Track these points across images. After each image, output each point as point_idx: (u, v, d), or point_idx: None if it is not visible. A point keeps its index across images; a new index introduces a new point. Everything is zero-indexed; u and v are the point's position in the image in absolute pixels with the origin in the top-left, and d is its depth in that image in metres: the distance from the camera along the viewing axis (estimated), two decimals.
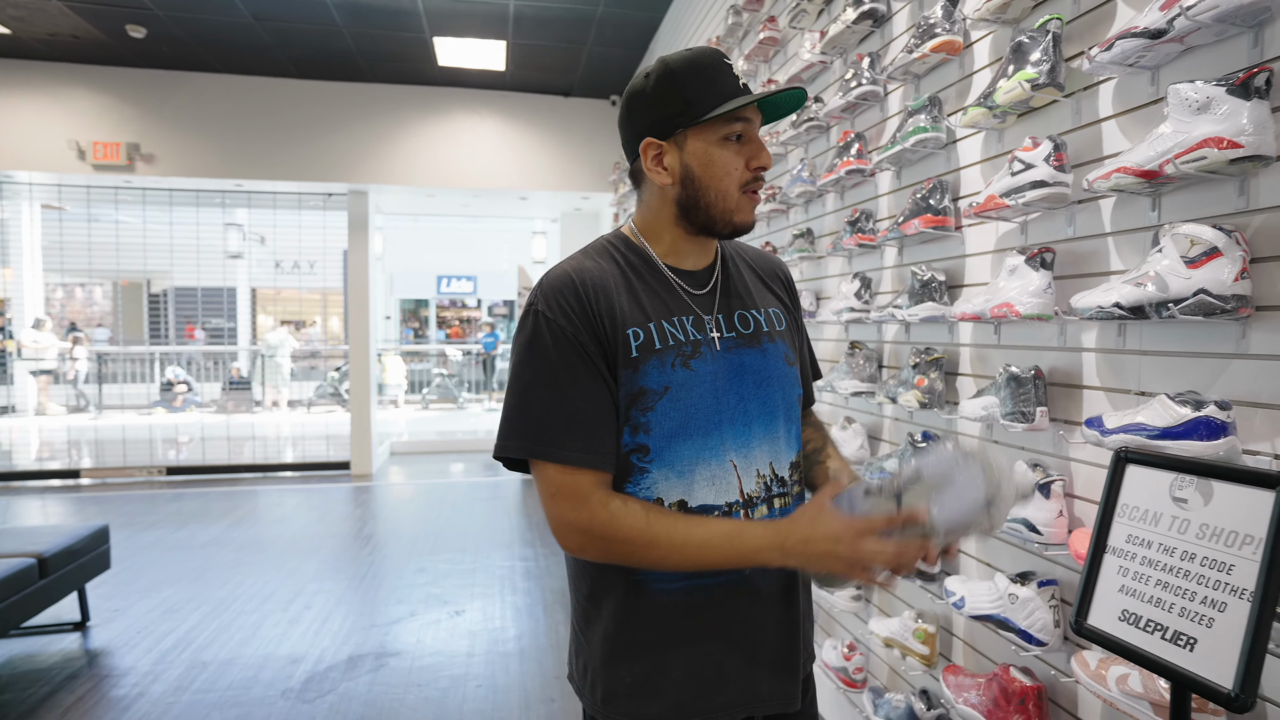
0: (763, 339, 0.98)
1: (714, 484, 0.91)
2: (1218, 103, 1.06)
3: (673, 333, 0.92)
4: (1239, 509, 0.94)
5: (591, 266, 0.94)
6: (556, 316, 0.89)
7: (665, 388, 0.90)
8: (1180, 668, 0.94)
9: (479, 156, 6.29)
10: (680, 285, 0.97)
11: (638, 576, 0.91)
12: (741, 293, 1.01)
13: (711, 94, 0.89)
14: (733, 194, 0.92)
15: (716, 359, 0.93)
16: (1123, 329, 1.32)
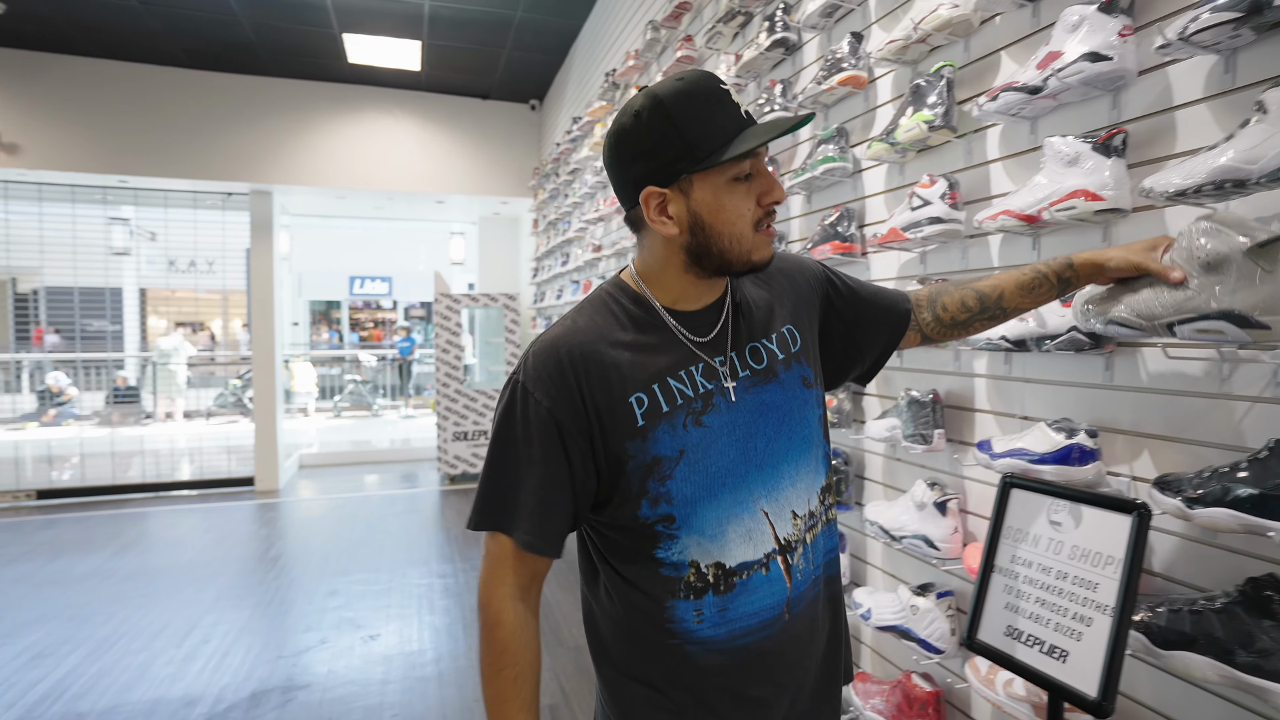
0: (778, 369, 0.92)
1: (749, 539, 0.86)
2: (1085, 157, 1.16)
3: (680, 389, 0.86)
4: (1103, 532, 1.03)
5: (585, 329, 0.88)
6: (535, 390, 0.85)
7: (681, 452, 0.84)
8: (1054, 678, 1.03)
9: (393, 158, 6.05)
10: (684, 335, 0.89)
11: (675, 641, 0.86)
12: (753, 324, 0.93)
13: (715, 132, 0.80)
14: (747, 236, 0.84)
15: (733, 408, 0.87)
16: (1009, 358, 1.42)
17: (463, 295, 6.39)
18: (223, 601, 3.63)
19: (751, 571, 0.86)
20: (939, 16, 1.45)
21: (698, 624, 0.85)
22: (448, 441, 6.30)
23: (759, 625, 0.86)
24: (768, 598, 0.86)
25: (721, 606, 0.85)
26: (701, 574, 0.85)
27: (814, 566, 0.92)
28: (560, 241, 5.16)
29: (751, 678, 0.87)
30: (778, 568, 0.87)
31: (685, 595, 0.85)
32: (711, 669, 0.86)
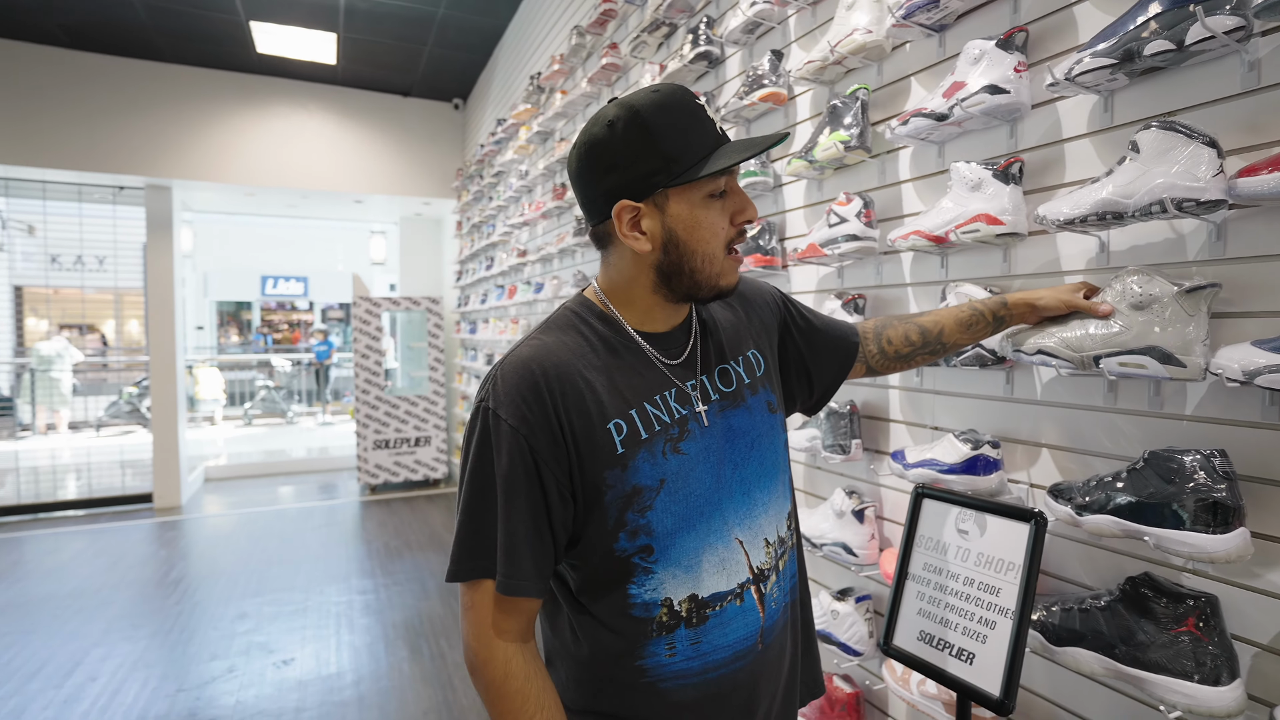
0: (745, 393, 0.91)
1: (723, 569, 0.84)
2: (987, 183, 1.23)
3: (657, 415, 0.84)
4: (1006, 539, 1.09)
5: (556, 349, 0.83)
6: (509, 417, 0.79)
7: (661, 481, 0.82)
8: (962, 680, 1.08)
9: (307, 155, 5.76)
10: (657, 358, 0.87)
11: (646, 679, 0.83)
12: (720, 346, 0.93)
13: (694, 146, 0.79)
14: (718, 256, 0.83)
15: (706, 433, 0.86)
16: (920, 371, 1.49)
17: (383, 298, 6.16)
18: (113, 633, 3.34)
19: (725, 603, 0.83)
20: (854, 41, 1.50)
21: (670, 658, 0.82)
22: (368, 450, 6.05)
23: (732, 657, 0.84)
24: (741, 629, 0.85)
25: (694, 639, 0.82)
26: (674, 611, 0.82)
27: (784, 593, 0.90)
28: (485, 245, 5.06)
29: (724, 710, 0.84)
30: (751, 598, 0.85)
31: (657, 634, 0.82)
32: (684, 704, 0.83)
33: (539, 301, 3.87)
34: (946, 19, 1.36)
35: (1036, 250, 1.23)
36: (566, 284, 3.38)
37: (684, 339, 0.90)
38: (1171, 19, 0.96)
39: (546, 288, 3.64)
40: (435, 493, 6.21)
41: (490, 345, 5.16)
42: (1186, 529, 0.92)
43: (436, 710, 2.66)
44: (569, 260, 3.57)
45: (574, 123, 3.49)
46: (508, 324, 4.52)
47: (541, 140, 3.92)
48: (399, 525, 5.19)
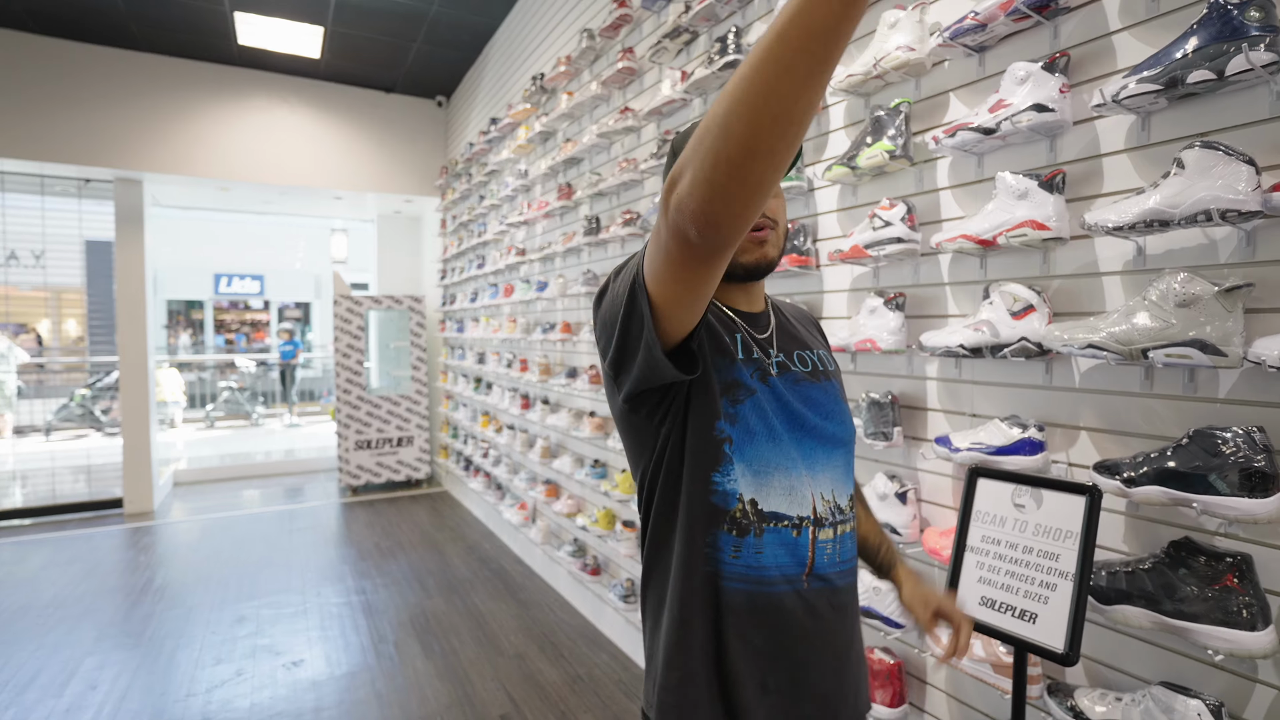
0: (822, 377, 1.03)
1: (790, 495, 0.93)
2: (1033, 193, 1.36)
3: (751, 353, 0.97)
4: (1062, 511, 1.22)
5: None
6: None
7: (753, 390, 0.93)
8: (1026, 638, 1.20)
9: (285, 150, 5.64)
10: (744, 326, 1.00)
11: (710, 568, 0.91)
12: (795, 336, 1.06)
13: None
14: None
15: (788, 386, 0.97)
16: (959, 363, 1.62)
17: (364, 296, 6.08)
18: (105, 641, 3.25)
19: (783, 525, 0.93)
20: (897, 58, 1.62)
21: (734, 558, 0.91)
22: (349, 451, 5.96)
23: (780, 579, 0.92)
24: (791, 556, 0.93)
25: (757, 549, 0.91)
26: (745, 511, 0.92)
27: (840, 560, 0.97)
28: (476, 244, 5.06)
29: (762, 625, 0.91)
30: (807, 535, 0.94)
31: (729, 529, 0.91)
32: (733, 606, 0.91)
33: (540, 300, 3.92)
34: (989, 41, 1.49)
35: (1076, 253, 1.37)
36: (574, 283, 3.44)
37: (766, 324, 1.04)
38: (1214, 51, 1.10)
39: (551, 286, 3.68)
40: (419, 493, 6.16)
41: (481, 344, 5.16)
42: (1232, 495, 1.06)
43: (459, 705, 2.69)
44: (574, 259, 3.63)
45: (579, 124, 3.55)
46: (503, 322, 4.54)
47: (543, 140, 3.96)
48: (387, 525, 5.14)
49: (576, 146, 3.35)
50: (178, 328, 15.31)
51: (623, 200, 3.14)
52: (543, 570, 4.02)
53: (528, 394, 4.20)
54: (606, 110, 3.27)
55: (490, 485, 4.91)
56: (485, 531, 4.97)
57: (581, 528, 3.35)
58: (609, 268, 3.24)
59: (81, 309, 12.56)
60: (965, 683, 1.61)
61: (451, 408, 5.98)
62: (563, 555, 3.58)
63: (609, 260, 3.27)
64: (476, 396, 5.09)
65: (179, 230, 11.44)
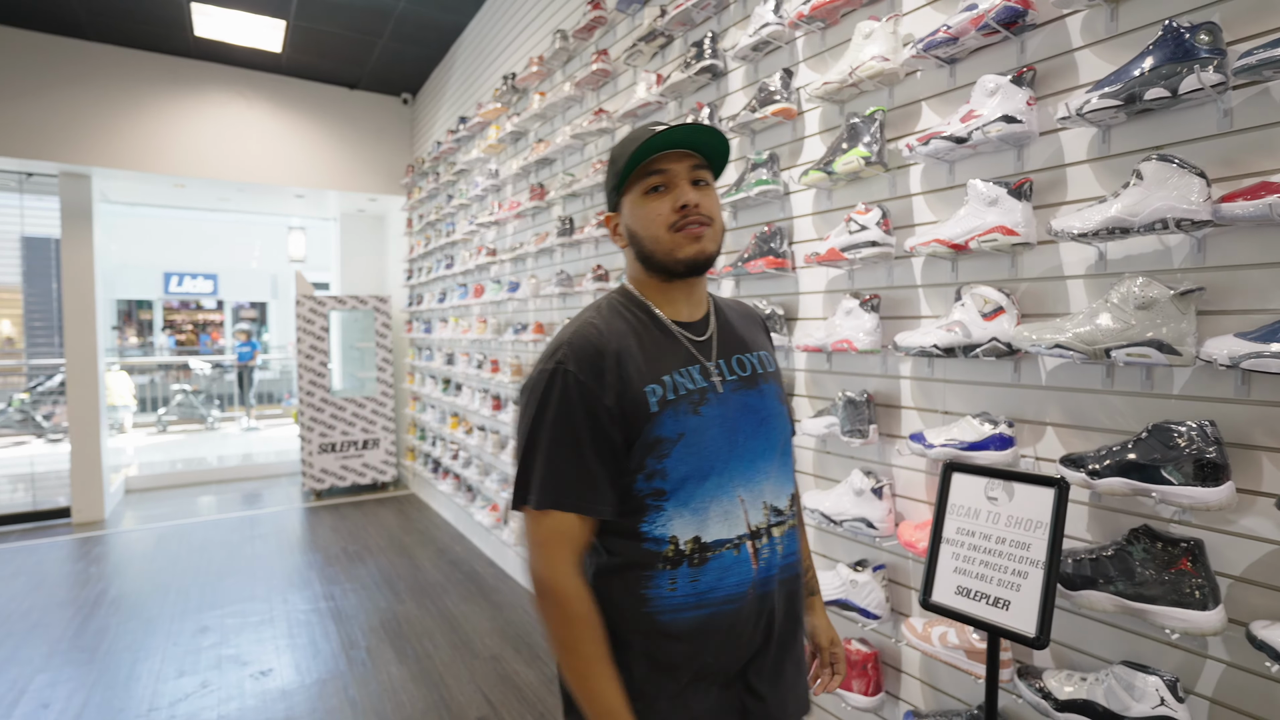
0: (759, 381, 1.07)
1: (726, 519, 0.98)
2: (1002, 200, 1.43)
3: (682, 383, 1.00)
4: (1032, 502, 1.29)
5: (608, 328, 1.01)
6: (585, 377, 0.96)
7: (680, 435, 0.96)
8: (1000, 624, 1.26)
9: (245, 146, 5.48)
10: (684, 336, 1.05)
11: (648, 608, 0.97)
12: (736, 339, 1.10)
13: (627, 156, 1.00)
14: (664, 237, 1.00)
15: (723, 402, 1.01)
16: (932, 362, 1.68)
17: (328, 296, 5.95)
18: (56, 657, 3.12)
19: (724, 549, 0.98)
20: (871, 67, 1.67)
21: (671, 591, 0.96)
22: (313, 454, 5.83)
23: (724, 599, 0.97)
24: (735, 575, 0.98)
25: (694, 578, 0.96)
26: (679, 550, 0.97)
27: (779, 557, 1.03)
28: (444, 244, 5.00)
29: (709, 646, 0.97)
30: (746, 551, 0.99)
31: (663, 567, 0.96)
32: (677, 634, 0.96)
33: (512, 300, 3.90)
34: (960, 54, 1.56)
35: (1042, 258, 1.44)
36: (549, 283, 3.44)
37: (705, 328, 1.08)
38: (1168, 71, 1.18)
39: (524, 287, 3.67)
40: (386, 496, 6.06)
41: (450, 345, 5.10)
42: (1187, 484, 1.14)
43: (435, 709, 2.66)
44: (547, 260, 3.62)
45: (552, 124, 3.55)
46: (473, 323, 4.50)
47: (514, 140, 3.94)
48: (353, 530, 5.04)
49: (549, 147, 3.35)
50: (124, 328, 14.72)
51: (596, 201, 3.16)
52: (516, 572, 4.00)
53: (499, 395, 4.17)
54: (580, 111, 3.28)
55: (460, 487, 4.86)
56: (455, 534, 4.92)
57: None
58: (582, 268, 3.25)
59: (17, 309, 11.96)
60: (939, 670, 1.68)
61: (419, 409, 5.90)
62: None
63: (582, 261, 3.28)
64: (445, 398, 5.03)
65: (125, 227, 10.98)
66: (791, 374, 2.09)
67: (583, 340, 0.99)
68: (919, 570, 1.73)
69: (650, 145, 0.98)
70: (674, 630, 0.96)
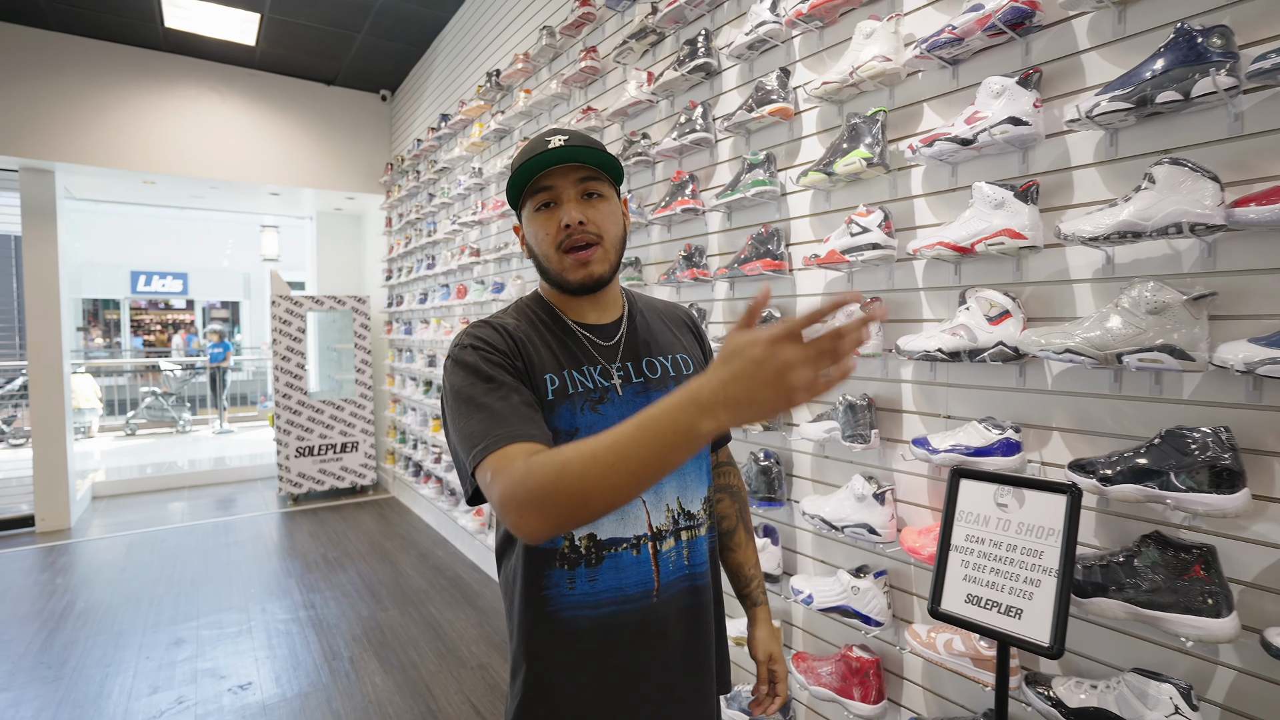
0: (669, 382, 1.05)
1: (622, 519, 0.97)
2: (1009, 202, 1.41)
3: (581, 381, 0.99)
4: (1044, 509, 1.27)
5: (508, 322, 1.02)
6: (482, 346, 0.96)
7: (575, 429, 0.95)
8: (1012, 633, 1.24)
9: (217, 142, 5.32)
10: (588, 338, 1.04)
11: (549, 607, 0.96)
12: (648, 341, 1.09)
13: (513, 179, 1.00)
14: (553, 256, 1.00)
15: (623, 403, 1.00)
16: (934, 366, 1.66)
17: (305, 296, 5.81)
18: (20, 674, 2.99)
19: (621, 549, 0.97)
20: (873, 67, 1.65)
21: (570, 589, 0.96)
22: (290, 459, 5.69)
23: (623, 599, 0.96)
24: (634, 576, 0.97)
25: (591, 577, 0.96)
26: (575, 546, 0.96)
27: (686, 564, 1.02)
28: (425, 243, 4.91)
29: (613, 646, 0.96)
30: (647, 552, 0.98)
31: (560, 565, 0.96)
32: (578, 633, 0.96)
33: (497, 301, 3.83)
34: (963, 55, 1.54)
35: (1048, 261, 1.43)
36: (534, 284, 3.37)
37: (615, 331, 1.07)
38: (1180, 74, 1.16)
39: (509, 287, 3.61)
40: (365, 500, 5.93)
41: (431, 346, 5.01)
42: (1203, 491, 1.13)
43: (424, 719, 2.60)
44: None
45: (537, 122, 3.49)
46: (455, 324, 4.42)
47: (498, 138, 3.87)
48: (333, 536, 4.93)
49: None
50: (91, 328, 14.29)
51: None
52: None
53: None
54: (567, 110, 3.22)
55: (443, 491, 4.77)
56: (438, 538, 4.83)
57: None
58: None
59: None
60: (943, 677, 1.66)
61: (399, 411, 5.79)
62: None
63: None
64: (427, 400, 4.94)
65: (90, 225, 10.64)
66: None
67: (479, 326, 1.01)
68: (921, 576, 1.71)
69: (532, 165, 0.98)
70: (578, 629, 0.96)
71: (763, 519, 2.13)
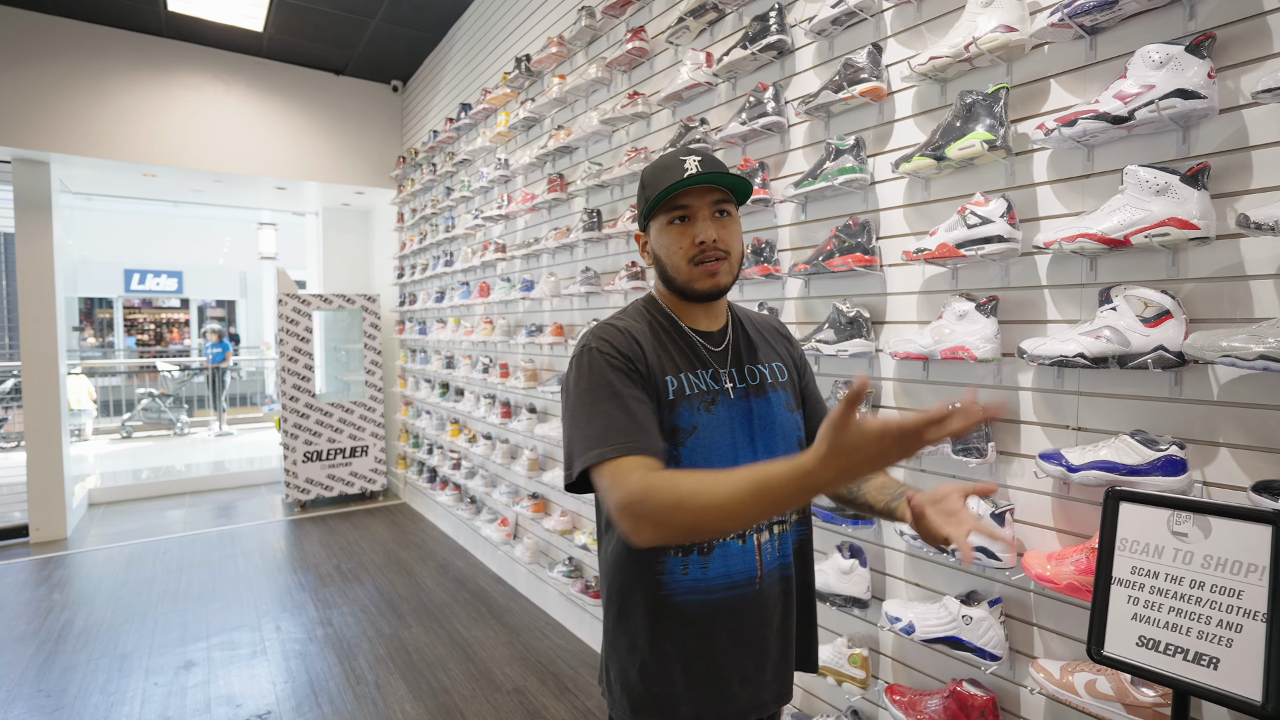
0: (767, 389, 1.15)
1: None
2: (1174, 188, 1.24)
3: (696, 383, 1.09)
4: (1238, 541, 1.10)
5: (632, 325, 1.11)
6: (608, 351, 1.04)
7: (694, 427, 1.05)
8: (1207, 685, 1.07)
9: (222, 133, 5.09)
10: (702, 344, 1.14)
11: (663, 591, 1.04)
12: (749, 350, 1.19)
13: (657, 190, 1.08)
14: (683, 268, 1.09)
15: (731, 406, 1.10)
16: (1060, 373, 1.49)
17: (313, 295, 5.59)
18: (17, 703, 2.78)
19: (730, 538, 1.06)
20: (995, 39, 1.48)
21: (683, 575, 1.04)
22: (297, 464, 5.48)
23: (730, 585, 1.06)
24: (740, 564, 1.07)
25: (703, 564, 1.05)
26: None
27: (780, 554, 1.12)
28: (442, 239, 4.71)
29: (721, 630, 1.05)
30: (752, 542, 1.08)
31: (675, 552, 1.05)
32: (691, 616, 1.04)
33: (525, 300, 3.64)
34: (1109, 21, 1.37)
35: (1216, 254, 1.26)
36: (573, 281, 3.19)
37: (722, 339, 1.17)
38: None
39: (541, 285, 3.42)
40: (375, 506, 5.73)
41: (449, 346, 4.81)
42: None
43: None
44: (567, 256, 3.37)
45: (572, 110, 3.30)
46: (478, 324, 4.22)
47: (527, 128, 3.68)
48: (345, 545, 4.72)
49: (571, 135, 3.10)
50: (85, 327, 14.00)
51: (628, 193, 2.92)
52: (529, 591, 3.75)
53: (510, 401, 3.91)
54: (607, 95, 3.04)
55: (462, 499, 4.58)
56: (456, 548, 4.63)
57: (582, 546, 3.11)
58: (612, 265, 3.01)
59: None
60: (1072, 718, 1.49)
61: (412, 415, 5.58)
62: (555, 576, 3.33)
63: (611, 257, 3.04)
64: (444, 403, 4.74)
65: (83, 221, 10.38)
66: (878, 384, 1.89)
67: (606, 328, 1.09)
68: (1043, 605, 1.54)
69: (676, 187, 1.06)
70: (686, 612, 1.04)
71: (849, 538, 1.95)
